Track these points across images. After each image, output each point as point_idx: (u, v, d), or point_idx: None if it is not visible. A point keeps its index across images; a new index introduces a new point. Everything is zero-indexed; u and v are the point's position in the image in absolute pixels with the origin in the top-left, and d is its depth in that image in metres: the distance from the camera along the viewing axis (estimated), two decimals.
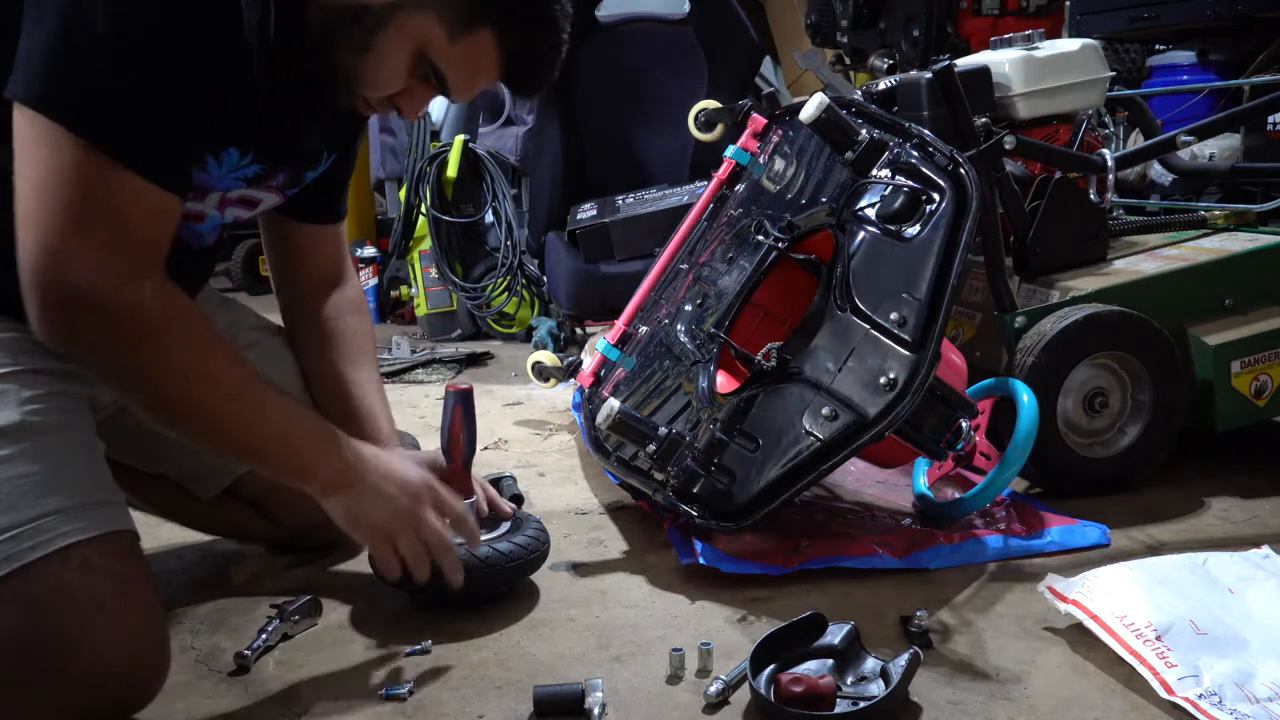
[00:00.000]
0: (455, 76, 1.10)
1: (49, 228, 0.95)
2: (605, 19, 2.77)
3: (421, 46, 1.07)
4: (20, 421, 1.04)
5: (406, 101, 1.13)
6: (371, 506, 1.13)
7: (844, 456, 1.28)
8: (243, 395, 1.06)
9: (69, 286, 0.96)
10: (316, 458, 1.11)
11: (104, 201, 0.96)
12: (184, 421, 1.06)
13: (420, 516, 1.14)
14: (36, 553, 0.99)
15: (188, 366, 1.03)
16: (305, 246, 1.41)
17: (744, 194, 1.66)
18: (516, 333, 3.26)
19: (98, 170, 0.95)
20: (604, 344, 1.66)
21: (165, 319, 1.01)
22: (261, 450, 1.10)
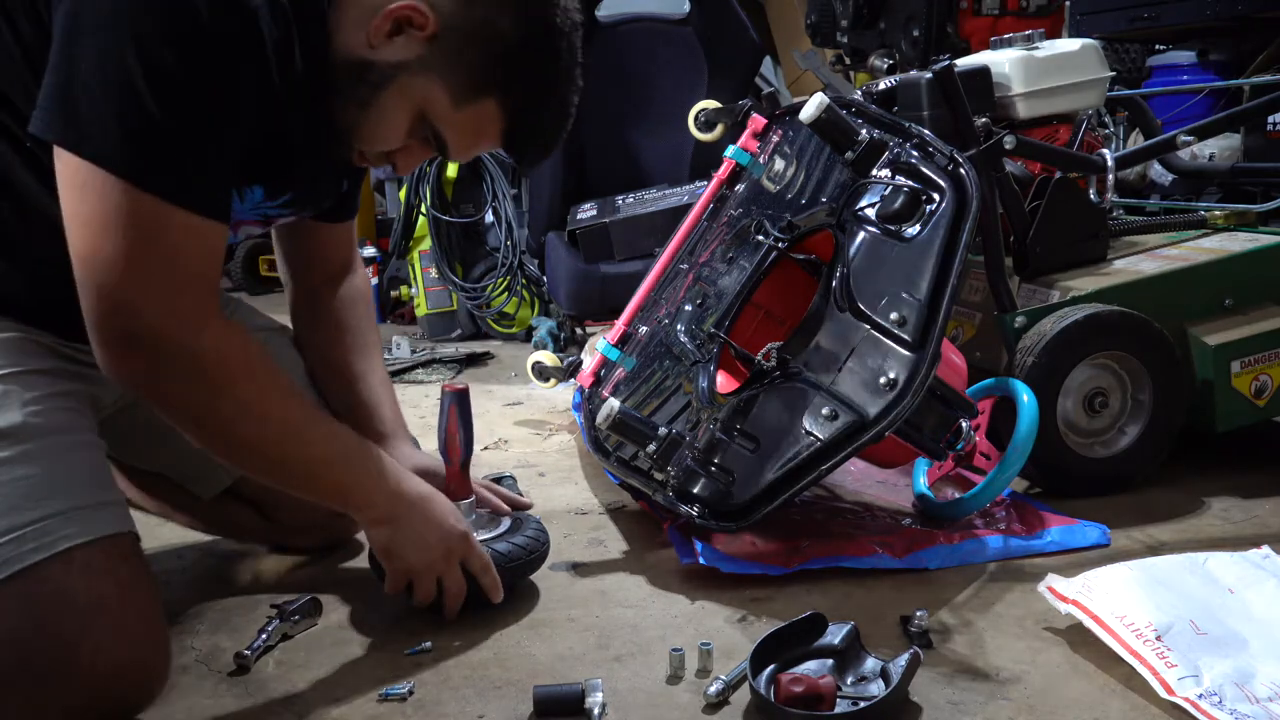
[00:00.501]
0: (455, 141, 1.10)
1: (110, 272, 0.95)
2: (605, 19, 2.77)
3: (424, 109, 1.07)
4: (21, 423, 1.04)
5: (402, 159, 1.14)
6: (410, 547, 1.17)
7: (844, 456, 1.28)
8: (301, 431, 1.09)
9: (135, 330, 0.97)
10: (370, 492, 1.15)
11: (160, 242, 0.96)
12: (243, 456, 1.09)
13: (447, 569, 1.19)
14: (38, 555, 0.99)
15: (249, 405, 1.05)
16: (317, 242, 1.41)
17: (744, 194, 1.66)
18: (516, 333, 3.26)
19: (150, 211, 0.95)
20: (604, 344, 1.65)
21: (229, 359, 1.03)
22: (317, 483, 1.13)
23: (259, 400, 1.06)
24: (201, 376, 1.01)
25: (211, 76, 0.97)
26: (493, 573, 1.23)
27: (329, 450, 1.12)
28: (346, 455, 1.13)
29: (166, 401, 1.03)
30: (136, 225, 0.95)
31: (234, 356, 1.03)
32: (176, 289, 0.98)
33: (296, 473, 1.11)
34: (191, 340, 0.99)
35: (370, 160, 1.14)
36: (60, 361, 1.13)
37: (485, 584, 1.22)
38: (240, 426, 1.05)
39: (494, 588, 1.23)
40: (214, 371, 1.01)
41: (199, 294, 1.01)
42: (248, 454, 1.08)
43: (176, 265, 0.98)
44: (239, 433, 1.06)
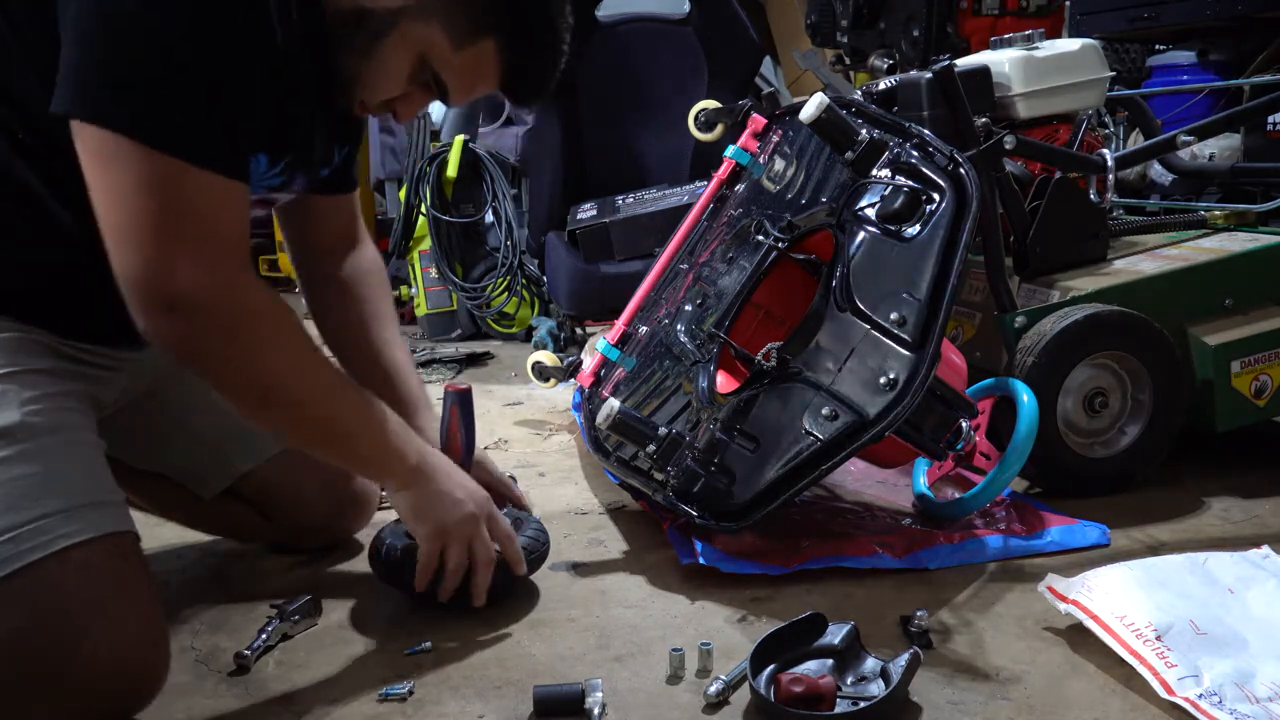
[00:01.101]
0: (455, 84, 1.11)
1: (145, 241, 0.96)
2: (605, 19, 2.77)
3: (424, 54, 1.08)
4: (20, 422, 1.04)
5: (404, 106, 1.14)
6: (440, 505, 1.19)
7: (844, 456, 1.28)
8: (334, 393, 1.11)
9: (173, 294, 0.97)
10: (398, 456, 1.16)
11: (192, 206, 0.97)
12: (280, 418, 1.10)
13: (478, 526, 1.21)
14: (36, 554, 0.99)
15: (287, 366, 1.07)
16: (318, 215, 1.40)
17: (744, 194, 1.66)
18: (516, 333, 3.26)
19: (177, 176, 0.96)
20: (604, 344, 1.65)
21: (266, 320, 1.05)
22: (348, 445, 1.15)
23: (295, 361, 1.07)
24: (240, 336, 1.02)
25: (223, 38, 0.97)
26: (516, 542, 1.25)
27: (359, 413, 1.14)
28: (376, 419, 1.15)
29: (206, 363, 1.04)
30: (164, 190, 0.96)
31: (270, 317, 1.05)
32: (210, 251, 0.99)
33: (330, 435, 1.13)
34: (229, 301, 1.01)
35: (371, 110, 1.14)
36: (60, 361, 1.13)
37: (509, 553, 1.24)
38: (278, 387, 1.07)
39: (517, 559, 1.25)
40: (252, 331, 1.03)
41: (232, 255, 1.02)
42: (284, 415, 1.10)
43: (208, 227, 0.99)
44: (277, 394, 1.07)
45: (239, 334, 1.02)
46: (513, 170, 3.29)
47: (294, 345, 1.08)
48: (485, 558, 1.21)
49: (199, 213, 0.98)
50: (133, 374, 1.26)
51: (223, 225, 1.01)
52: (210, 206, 0.99)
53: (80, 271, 1.14)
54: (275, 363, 1.06)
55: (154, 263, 0.96)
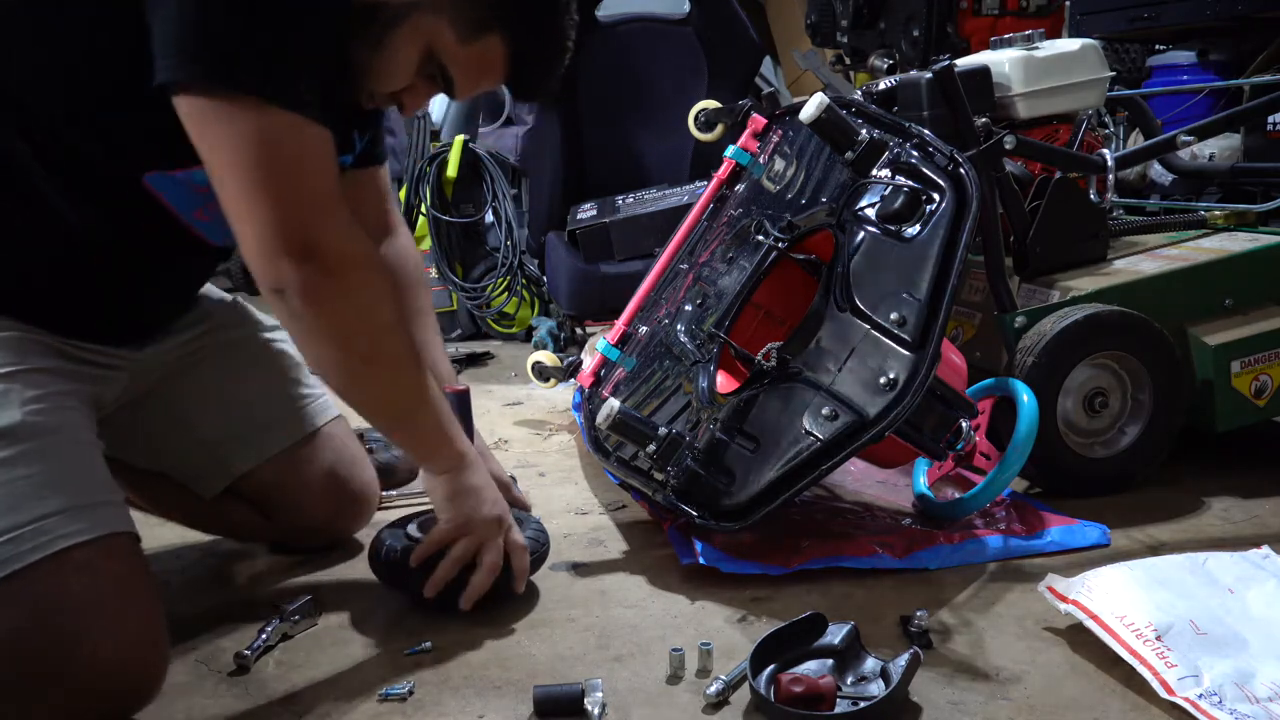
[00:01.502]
0: (461, 77, 1.13)
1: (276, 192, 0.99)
2: (605, 19, 2.77)
3: (432, 46, 1.09)
4: (21, 422, 1.04)
5: (410, 97, 1.15)
6: (474, 499, 1.22)
7: (844, 456, 1.28)
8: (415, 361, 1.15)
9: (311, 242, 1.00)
10: (450, 438, 1.20)
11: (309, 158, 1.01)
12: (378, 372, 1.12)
13: (497, 533, 1.23)
14: (36, 554, 0.99)
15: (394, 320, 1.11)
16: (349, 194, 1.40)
17: (744, 194, 1.66)
18: (516, 333, 3.26)
19: (296, 129, 0.99)
20: (604, 344, 1.66)
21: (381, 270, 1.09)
22: (414, 418, 1.18)
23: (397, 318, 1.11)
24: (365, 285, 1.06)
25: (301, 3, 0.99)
26: (526, 556, 1.26)
27: (431, 388, 1.17)
28: (439, 399, 1.18)
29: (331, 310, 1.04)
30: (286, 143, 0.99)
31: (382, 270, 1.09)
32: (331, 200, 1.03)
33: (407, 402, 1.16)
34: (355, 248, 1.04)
35: (379, 101, 1.15)
36: (62, 360, 1.13)
37: (517, 564, 1.25)
38: (386, 340, 1.10)
39: (522, 572, 1.25)
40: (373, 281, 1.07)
41: (344, 205, 1.05)
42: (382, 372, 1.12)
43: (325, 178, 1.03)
44: (384, 347, 1.10)
45: (365, 280, 1.05)
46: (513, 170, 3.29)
47: (396, 304, 1.12)
48: (492, 563, 1.22)
49: (316, 165, 1.01)
50: (134, 374, 1.26)
51: (333, 176, 1.04)
52: (322, 158, 1.02)
53: (84, 271, 1.14)
54: (387, 315, 1.09)
55: (287, 215, 0.99)
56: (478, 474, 1.23)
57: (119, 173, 1.10)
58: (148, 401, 1.33)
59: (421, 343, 1.40)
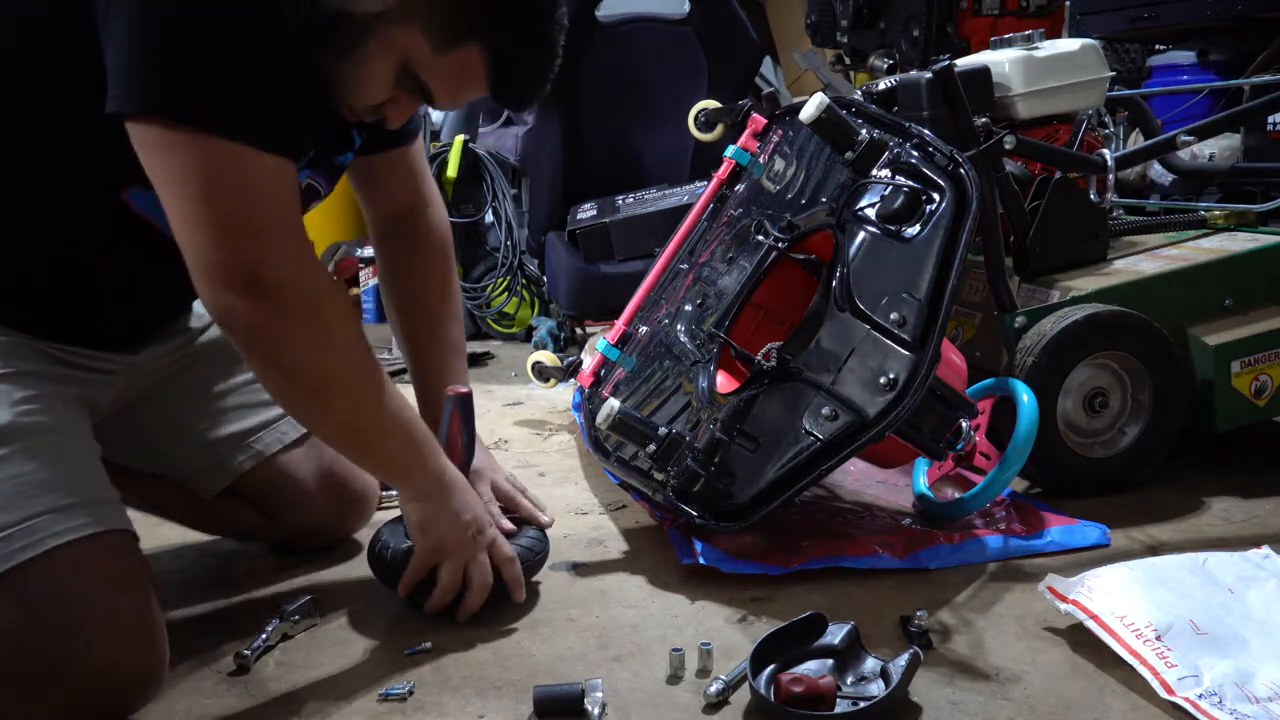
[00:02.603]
0: (441, 89, 1.09)
1: (222, 225, 0.97)
2: (605, 19, 2.77)
3: (405, 59, 1.06)
4: (11, 422, 1.05)
5: (392, 110, 1.13)
6: (447, 522, 1.19)
7: (844, 456, 1.28)
8: (382, 389, 1.11)
9: (257, 276, 0.98)
10: (420, 465, 1.17)
11: (259, 189, 0.98)
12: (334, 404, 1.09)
13: (477, 553, 1.21)
14: (27, 553, 0.99)
15: (350, 351, 1.08)
16: (369, 178, 1.38)
17: (744, 194, 1.66)
18: (516, 333, 3.26)
19: (243, 160, 0.97)
20: (604, 344, 1.66)
21: (335, 301, 1.05)
22: (381, 446, 1.15)
23: (355, 350, 1.08)
24: (315, 318, 1.03)
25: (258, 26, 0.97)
26: (517, 566, 1.24)
27: (399, 415, 1.13)
28: (409, 423, 1.15)
29: (278, 345, 1.02)
30: (233, 175, 0.97)
31: (338, 301, 1.06)
32: (282, 233, 1.00)
33: (370, 431, 1.13)
34: (306, 281, 1.02)
35: (360, 114, 1.12)
36: (53, 365, 1.13)
37: (508, 575, 1.23)
38: (340, 373, 1.07)
39: (516, 583, 1.24)
40: (325, 313, 1.04)
41: (301, 236, 1.03)
42: (338, 404, 1.09)
43: (277, 210, 1.00)
44: (338, 380, 1.07)
45: (314, 315, 1.03)
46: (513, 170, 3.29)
47: (354, 333, 1.08)
48: (480, 583, 1.21)
49: (265, 196, 0.99)
50: (129, 377, 1.26)
51: (286, 206, 1.01)
52: (275, 189, 1.00)
53: (77, 278, 1.14)
54: (340, 348, 1.06)
55: (232, 248, 0.97)
56: (454, 496, 1.19)
57: (101, 188, 1.09)
58: (144, 404, 1.33)
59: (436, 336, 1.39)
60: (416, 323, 1.41)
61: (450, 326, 1.42)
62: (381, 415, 1.12)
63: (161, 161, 0.97)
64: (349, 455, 1.22)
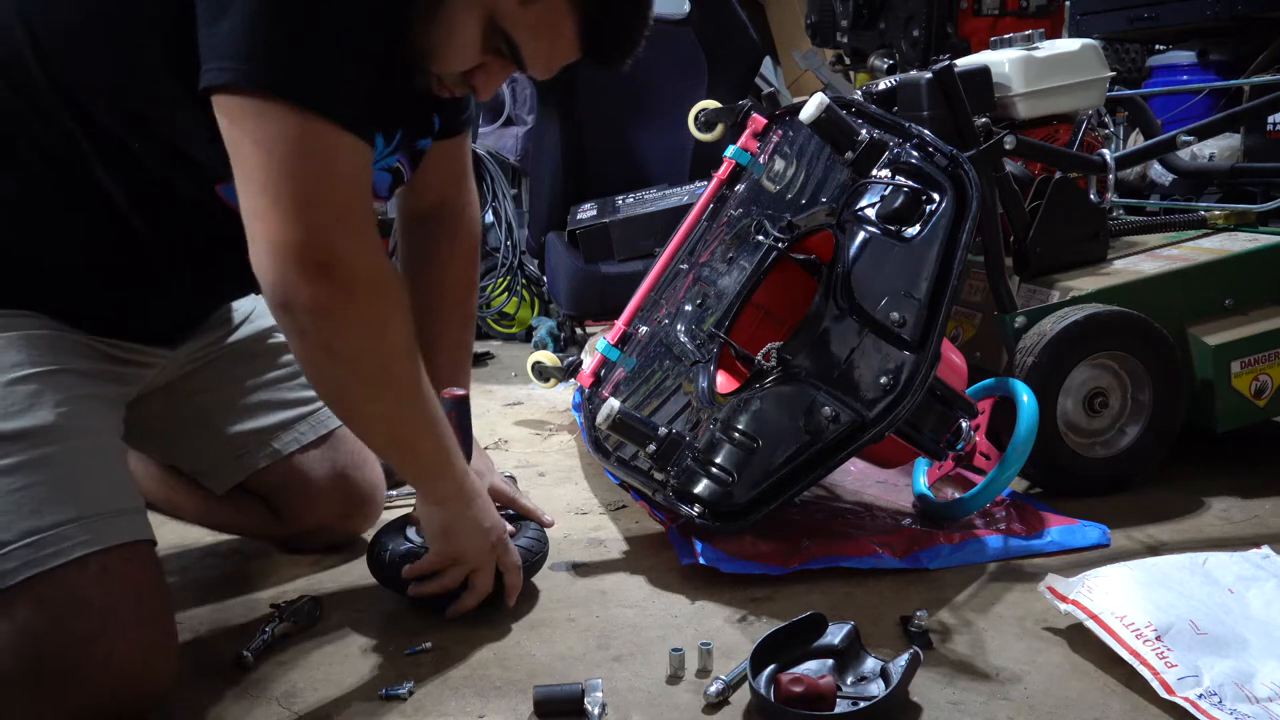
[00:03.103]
0: (530, 45, 1.05)
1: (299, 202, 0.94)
2: None
3: (491, 13, 1.03)
4: (52, 424, 1.04)
5: (482, 79, 1.09)
6: (467, 532, 1.19)
7: (844, 456, 1.28)
8: (421, 389, 1.09)
9: (330, 257, 0.95)
10: (449, 470, 1.16)
11: (340, 169, 0.96)
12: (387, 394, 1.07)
13: (487, 564, 1.21)
14: (57, 560, 0.99)
15: (407, 341, 1.05)
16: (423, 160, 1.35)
17: (744, 194, 1.66)
18: (516, 333, 3.26)
19: (328, 138, 0.95)
20: (604, 344, 1.66)
21: (399, 289, 1.04)
22: (416, 445, 1.13)
23: (409, 347, 1.06)
24: (380, 303, 1.01)
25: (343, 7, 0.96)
26: (519, 575, 1.25)
27: (434, 414, 1.12)
28: (443, 425, 1.14)
29: (343, 328, 1.00)
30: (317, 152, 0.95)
31: (401, 289, 1.04)
32: (357, 215, 0.98)
33: (411, 428, 1.11)
34: (375, 266, 0.99)
35: (450, 86, 1.09)
36: (97, 361, 1.13)
37: (509, 583, 1.24)
38: (398, 361, 1.05)
39: (514, 590, 1.25)
40: (389, 300, 1.02)
41: (372, 220, 1.01)
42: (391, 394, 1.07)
43: (353, 191, 0.98)
44: (394, 369, 1.05)
45: (379, 302, 1.00)
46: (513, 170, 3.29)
47: (410, 326, 1.06)
48: (483, 589, 1.22)
49: (346, 176, 0.97)
50: (161, 369, 1.26)
51: (363, 190, 1.00)
52: (354, 170, 0.98)
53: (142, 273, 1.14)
54: (396, 339, 1.04)
55: (308, 224, 0.94)
56: (475, 505, 1.19)
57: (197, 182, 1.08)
58: (166, 394, 1.32)
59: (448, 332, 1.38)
60: (433, 318, 1.39)
61: (466, 328, 1.43)
62: (423, 413, 1.11)
63: (244, 132, 0.94)
64: (382, 450, 1.20)
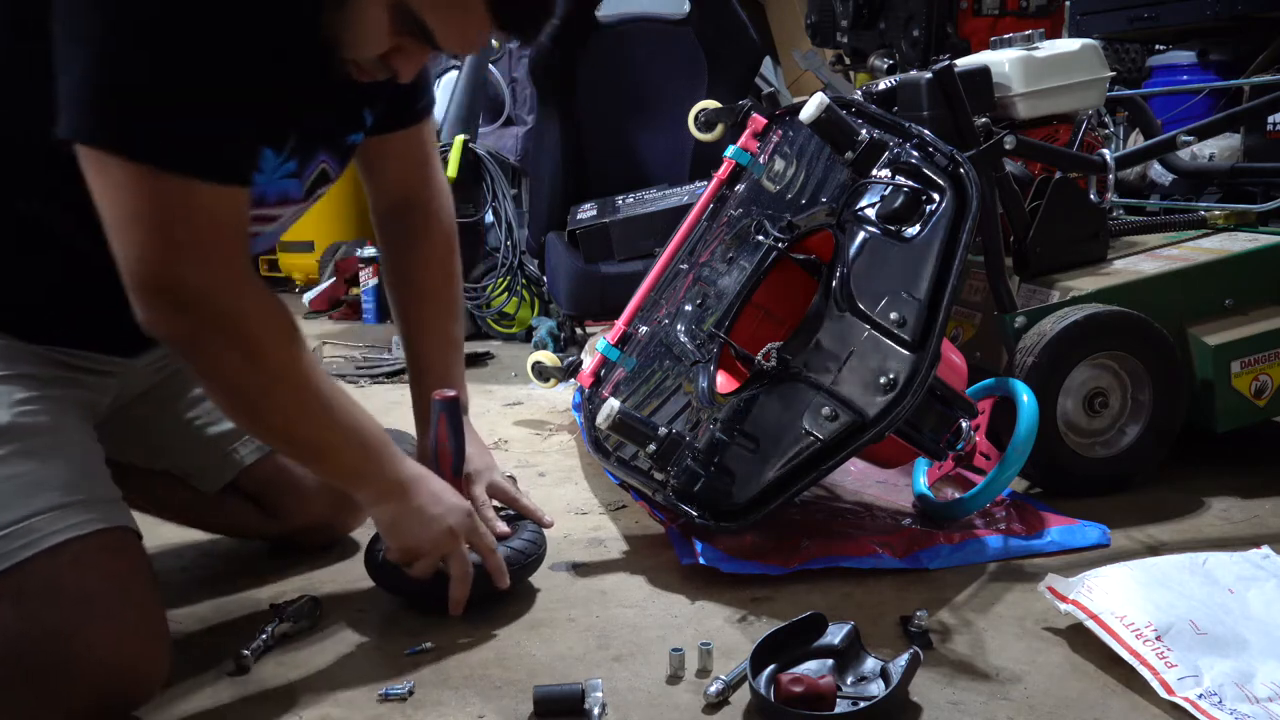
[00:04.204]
0: (440, 26, 1.03)
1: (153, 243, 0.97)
2: (605, 19, 2.77)
3: None
4: (10, 423, 1.05)
5: (400, 60, 1.08)
6: (414, 523, 1.18)
7: (844, 456, 1.28)
8: (323, 404, 1.09)
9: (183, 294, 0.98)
10: (376, 471, 1.15)
11: (196, 214, 0.98)
12: (269, 420, 1.09)
13: (454, 542, 1.20)
14: (27, 551, 0.99)
15: (283, 369, 1.06)
16: (374, 159, 1.36)
17: (744, 194, 1.66)
18: (516, 333, 3.26)
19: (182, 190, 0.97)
20: (604, 344, 1.66)
21: (266, 322, 1.04)
22: (331, 457, 1.14)
23: (290, 367, 1.07)
24: (241, 337, 1.02)
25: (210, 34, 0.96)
26: (498, 555, 1.24)
27: (346, 426, 1.12)
28: (361, 432, 1.13)
29: (206, 361, 1.03)
30: (159, 202, 0.96)
31: (270, 321, 1.05)
32: (215, 253, 0.99)
33: (315, 445, 1.12)
34: (233, 302, 1.01)
35: (368, 70, 1.09)
36: (52, 368, 1.13)
37: (490, 565, 1.23)
38: (272, 392, 1.06)
39: (499, 571, 1.23)
40: (252, 333, 1.03)
41: (235, 258, 1.02)
42: (274, 420, 1.09)
43: (212, 231, 0.99)
44: (270, 398, 1.06)
45: (240, 335, 1.02)
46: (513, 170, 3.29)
47: (290, 351, 1.07)
48: (460, 573, 1.21)
49: (203, 219, 0.98)
50: (125, 378, 1.26)
51: (225, 228, 1.01)
52: (213, 212, 0.99)
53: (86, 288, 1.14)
54: (272, 366, 1.05)
55: (161, 262, 0.97)
56: (418, 494, 1.18)
57: None
58: (144, 401, 1.32)
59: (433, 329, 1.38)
60: (415, 314, 1.40)
61: (449, 321, 1.41)
62: (326, 430, 1.11)
63: (93, 180, 0.97)
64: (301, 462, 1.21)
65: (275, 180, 1.15)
